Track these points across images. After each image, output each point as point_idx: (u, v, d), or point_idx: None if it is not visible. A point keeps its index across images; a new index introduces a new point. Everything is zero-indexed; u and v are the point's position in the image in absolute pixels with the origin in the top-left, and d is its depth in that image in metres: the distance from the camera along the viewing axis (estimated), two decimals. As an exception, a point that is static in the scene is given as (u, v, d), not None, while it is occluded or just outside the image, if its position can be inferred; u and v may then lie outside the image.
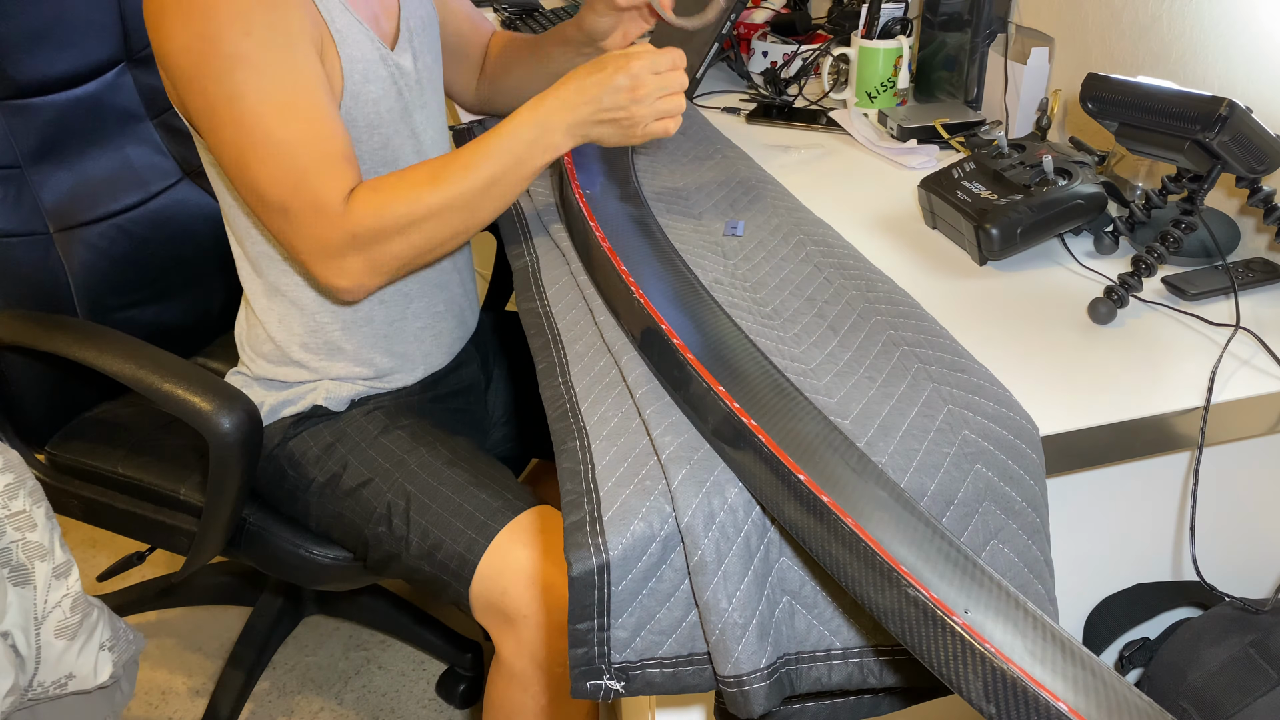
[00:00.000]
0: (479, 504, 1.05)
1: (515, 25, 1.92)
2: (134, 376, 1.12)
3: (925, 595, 0.56)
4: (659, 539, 0.68)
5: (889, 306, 0.89)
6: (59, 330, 1.20)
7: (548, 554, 1.02)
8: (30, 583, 1.07)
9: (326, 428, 1.16)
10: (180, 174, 1.47)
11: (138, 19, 1.40)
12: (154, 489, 1.28)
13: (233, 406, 1.09)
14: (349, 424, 1.15)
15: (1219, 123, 0.85)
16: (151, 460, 1.30)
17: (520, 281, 1.01)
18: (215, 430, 1.08)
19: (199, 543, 1.22)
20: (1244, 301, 0.93)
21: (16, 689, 1.03)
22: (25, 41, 1.28)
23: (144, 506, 1.29)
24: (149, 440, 1.33)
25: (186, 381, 1.10)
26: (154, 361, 1.13)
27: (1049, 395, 0.80)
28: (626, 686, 0.69)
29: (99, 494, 1.31)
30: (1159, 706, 0.55)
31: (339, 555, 1.22)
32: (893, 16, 1.42)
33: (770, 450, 0.67)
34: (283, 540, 1.23)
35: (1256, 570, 0.98)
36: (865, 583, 0.59)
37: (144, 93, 1.44)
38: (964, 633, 0.55)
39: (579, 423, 0.77)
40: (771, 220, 1.06)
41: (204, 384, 1.10)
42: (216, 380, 1.12)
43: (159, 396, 1.10)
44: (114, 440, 1.33)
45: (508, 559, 1.01)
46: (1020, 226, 0.97)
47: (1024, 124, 1.30)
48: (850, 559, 0.60)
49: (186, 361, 1.14)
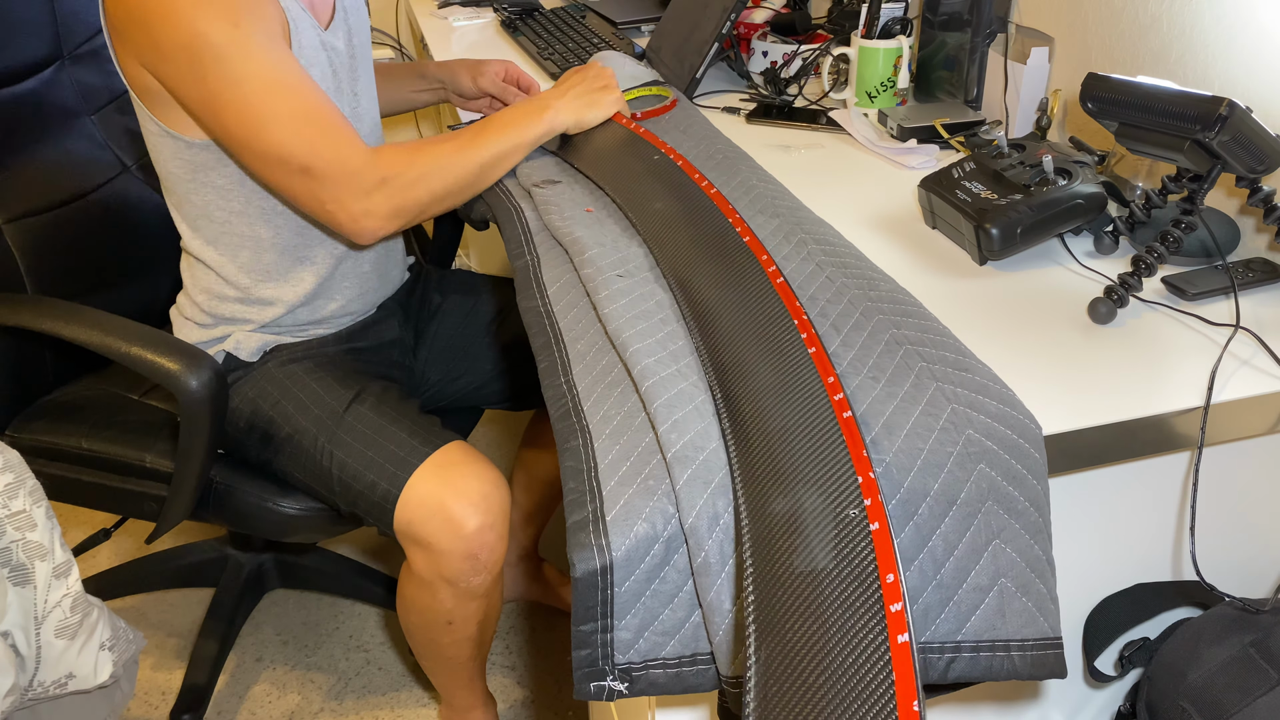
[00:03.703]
0: (389, 454, 1.17)
1: (515, 26, 1.92)
2: (103, 343, 1.18)
3: None
4: (662, 539, 0.68)
5: (891, 305, 0.89)
6: (25, 306, 1.25)
7: (456, 491, 1.15)
8: (30, 582, 1.06)
9: (246, 384, 1.26)
10: (121, 167, 1.51)
11: (70, 18, 1.46)
12: (120, 459, 1.33)
13: (200, 365, 1.15)
14: (266, 379, 1.26)
15: (1219, 122, 0.86)
16: (115, 434, 1.35)
17: (521, 281, 1.01)
18: (184, 388, 1.14)
19: (170, 504, 1.27)
20: (1244, 301, 0.93)
21: (17, 689, 1.03)
22: None
23: (111, 478, 1.34)
24: (108, 418, 1.38)
25: (154, 344, 1.16)
26: (122, 328, 1.19)
27: (1048, 395, 0.80)
28: (630, 687, 0.69)
29: (65, 470, 1.36)
30: None
31: (305, 506, 1.30)
32: (893, 16, 1.42)
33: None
34: (249, 496, 1.29)
35: (1256, 570, 0.98)
36: None
37: (81, 89, 1.48)
38: None
39: (581, 421, 0.77)
40: (772, 220, 1.06)
41: (171, 346, 1.17)
42: (183, 343, 1.19)
43: (129, 359, 1.16)
44: (74, 419, 1.38)
45: (419, 498, 1.15)
46: (1020, 226, 0.97)
47: (1024, 124, 1.30)
48: None
49: (151, 328, 1.19)
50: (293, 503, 1.29)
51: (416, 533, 1.17)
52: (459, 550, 1.16)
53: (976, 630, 0.72)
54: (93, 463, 1.34)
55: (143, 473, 1.32)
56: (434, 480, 1.16)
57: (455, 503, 1.15)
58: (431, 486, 1.15)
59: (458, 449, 1.19)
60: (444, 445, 1.18)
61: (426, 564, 1.19)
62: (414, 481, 1.16)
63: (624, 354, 0.83)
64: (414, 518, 1.16)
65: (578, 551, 0.67)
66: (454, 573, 1.18)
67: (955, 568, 0.72)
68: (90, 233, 1.45)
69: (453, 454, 1.18)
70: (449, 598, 1.21)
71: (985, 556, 0.72)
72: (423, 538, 1.16)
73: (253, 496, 1.29)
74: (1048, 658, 0.73)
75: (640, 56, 1.65)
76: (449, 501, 1.15)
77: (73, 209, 1.43)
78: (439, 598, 1.22)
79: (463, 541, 1.16)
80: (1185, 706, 0.89)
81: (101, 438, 1.34)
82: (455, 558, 1.17)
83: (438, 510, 1.15)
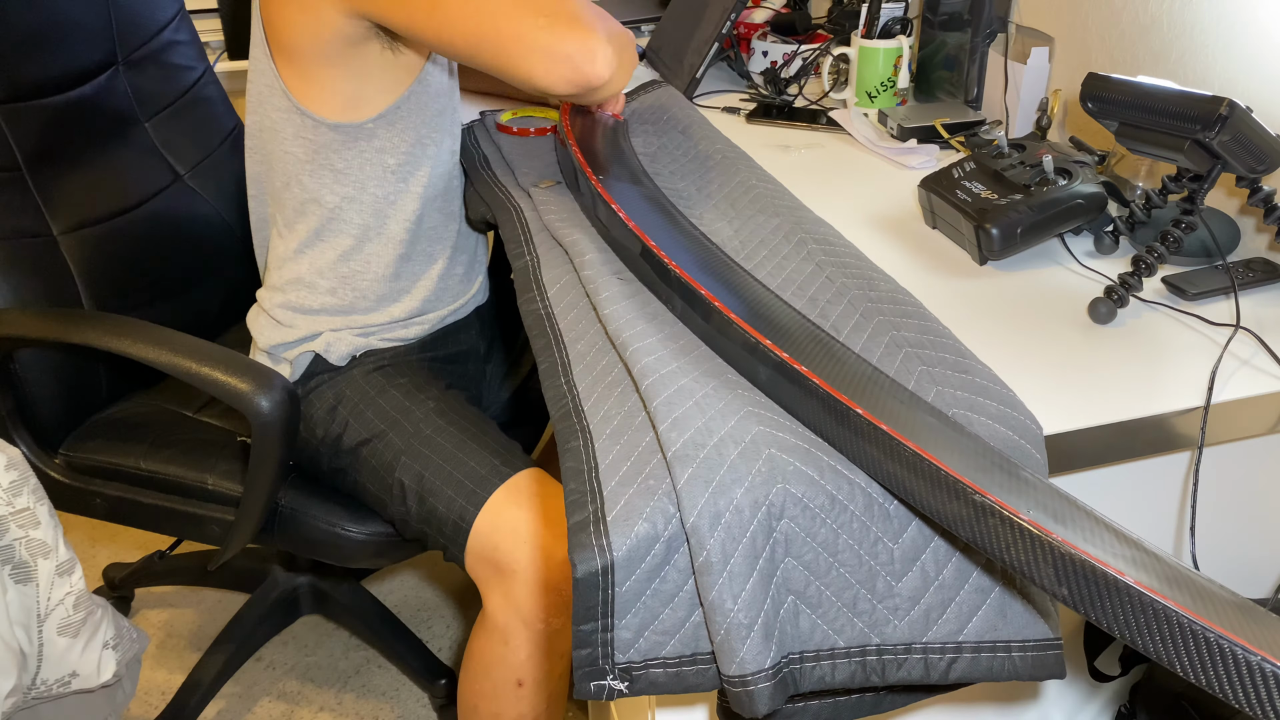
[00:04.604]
0: (470, 471, 1.11)
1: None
2: (171, 362, 1.14)
3: (992, 501, 0.61)
4: (663, 539, 0.68)
5: (891, 306, 0.89)
6: (88, 323, 1.21)
7: (539, 513, 1.08)
8: (33, 580, 1.07)
9: (329, 388, 1.22)
10: (173, 176, 1.48)
11: (127, 22, 1.43)
12: (180, 481, 1.29)
13: (271, 385, 1.12)
14: (349, 385, 1.21)
15: (1219, 122, 0.86)
16: (174, 454, 1.31)
17: (521, 281, 1.01)
18: (255, 410, 1.11)
19: (237, 527, 1.23)
20: (1244, 301, 0.93)
21: (19, 689, 1.03)
22: (21, 45, 1.29)
23: (171, 499, 1.30)
24: (165, 436, 1.34)
25: (225, 364, 1.13)
26: (190, 347, 1.15)
27: (1049, 395, 0.80)
28: (630, 687, 0.69)
29: (123, 491, 1.32)
30: (1209, 578, 0.60)
31: (373, 531, 1.25)
32: (893, 16, 1.42)
33: (827, 391, 0.72)
34: (317, 520, 1.25)
35: (1256, 570, 0.99)
36: (934, 498, 0.65)
37: (137, 95, 1.45)
38: (1030, 528, 0.60)
39: (582, 422, 0.78)
40: (772, 220, 1.07)
41: (242, 366, 1.13)
42: (253, 362, 1.15)
43: (198, 379, 1.12)
44: (131, 438, 1.34)
45: (500, 520, 1.08)
46: (1020, 226, 0.97)
47: (1024, 124, 1.30)
48: (918, 481, 0.66)
49: (220, 346, 1.16)
50: (360, 528, 1.25)
51: (497, 557, 1.09)
52: (542, 579, 1.08)
53: (978, 631, 0.72)
54: (151, 484, 1.30)
55: (205, 495, 1.28)
56: (516, 503, 1.09)
57: (542, 526, 1.08)
58: (514, 509, 1.09)
59: (538, 475, 1.13)
60: (525, 469, 1.13)
61: (503, 601, 1.10)
62: (496, 501, 1.10)
63: (624, 353, 0.83)
64: (495, 541, 1.09)
65: (578, 552, 0.67)
66: (532, 609, 1.09)
67: (957, 569, 0.72)
68: (143, 245, 1.43)
69: (534, 479, 1.13)
70: (523, 645, 1.11)
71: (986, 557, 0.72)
72: (504, 563, 1.09)
73: (320, 520, 1.25)
74: (1048, 659, 0.74)
75: (641, 56, 1.65)
76: (535, 524, 1.08)
77: (126, 220, 1.41)
78: (511, 646, 1.12)
79: (548, 568, 1.08)
80: (1185, 706, 0.89)
81: (160, 457, 1.30)
82: (536, 588, 1.08)
83: (524, 534, 1.08)
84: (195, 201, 1.50)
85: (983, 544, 0.62)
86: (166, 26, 1.51)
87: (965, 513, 0.63)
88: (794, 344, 0.79)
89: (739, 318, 0.81)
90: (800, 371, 0.74)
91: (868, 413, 0.70)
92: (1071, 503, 0.65)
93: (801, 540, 0.70)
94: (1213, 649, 0.53)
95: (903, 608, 0.71)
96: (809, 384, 0.74)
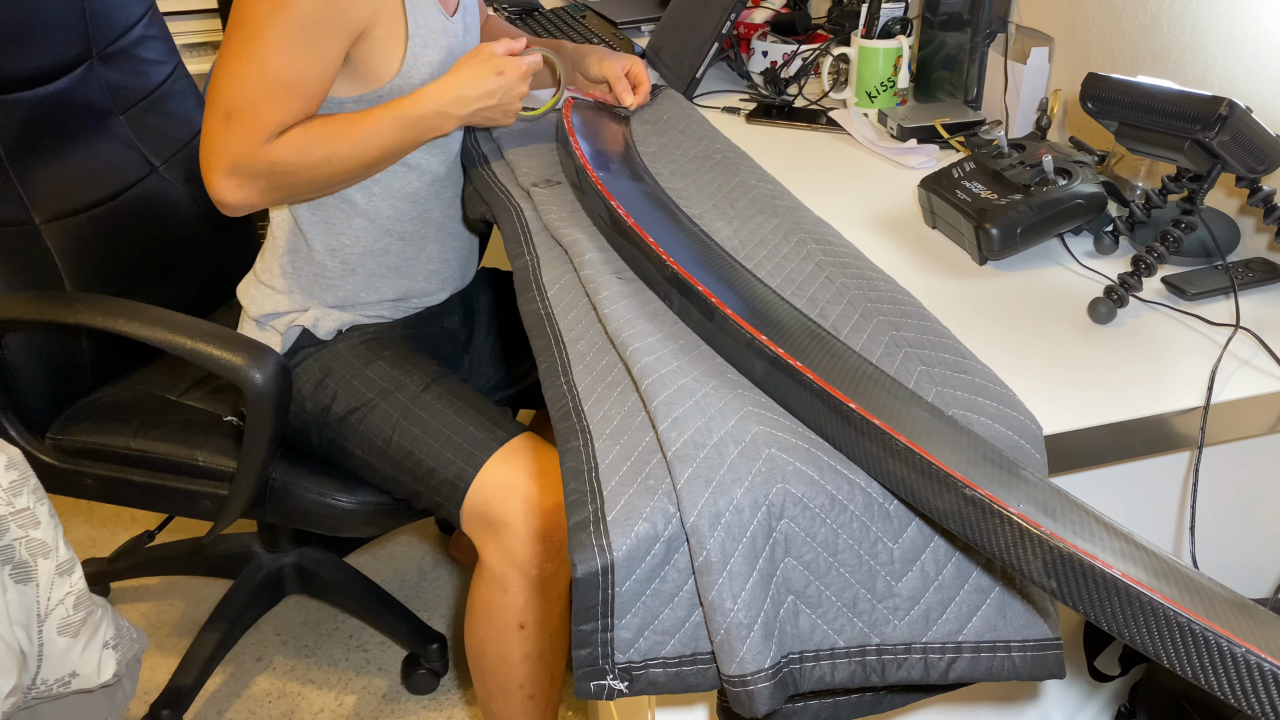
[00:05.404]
0: (469, 435, 1.18)
1: (515, 25, 1.92)
2: (167, 339, 1.18)
3: (982, 495, 0.62)
4: (663, 539, 0.68)
5: (891, 306, 0.89)
6: (84, 304, 1.25)
7: (530, 473, 1.16)
8: (33, 580, 1.07)
9: (315, 361, 1.27)
10: (149, 168, 1.52)
11: (100, 17, 1.47)
12: (171, 459, 1.33)
13: (264, 359, 1.16)
14: (334, 358, 1.27)
15: (1219, 122, 0.86)
16: (163, 433, 1.35)
17: (521, 282, 1.01)
18: (250, 382, 1.15)
19: (230, 499, 1.27)
20: (1244, 301, 0.93)
21: (19, 689, 1.03)
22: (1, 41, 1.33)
23: (162, 477, 1.34)
24: (153, 418, 1.38)
25: (219, 340, 1.17)
26: (184, 324, 1.19)
27: (1048, 395, 0.80)
28: (630, 686, 0.69)
29: (113, 470, 1.35)
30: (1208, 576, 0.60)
31: (363, 500, 1.29)
32: (893, 16, 1.42)
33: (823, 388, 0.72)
34: (307, 491, 1.29)
35: (1256, 570, 0.99)
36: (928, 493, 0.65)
37: (111, 89, 1.49)
38: (1020, 521, 0.60)
39: (582, 422, 0.78)
40: (772, 220, 1.07)
41: (235, 341, 1.18)
42: (245, 337, 1.19)
43: (193, 355, 1.16)
44: (118, 420, 1.37)
45: (494, 480, 1.16)
46: (1020, 226, 0.97)
47: (1024, 124, 1.30)
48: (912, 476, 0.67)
49: (212, 323, 1.19)
50: (350, 497, 1.29)
51: (490, 512, 1.17)
52: (534, 529, 1.16)
53: (978, 631, 0.72)
54: (142, 463, 1.34)
55: (196, 471, 1.32)
56: (509, 464, 1.17)
57: (531, 482, 1.16)
58: (508, 469, 1.17)
59: (531, 439, 1.21)
60: (520, 434, 1.21)
61: (498, 551, 1.18)
62: (491, 464, 1.17)
63: (624, 353, 0.83)
64: (490, 497, 1.17)
65: (578, 552, 0.67)
66: (527, 557, 1.17)
67: (956, 569, 0.72)
68: (123, 233, 1.47)
69: (527, 442, 1.21)
70: (521, 590, 1.20)
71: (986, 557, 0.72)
72: (497, 517, 1.17)
73: (310, 491, 1.29)
74: (1047, 658, 0.74)
75: (640, 56, 1.65)
76: (526, 481, 1.16)
77: (105, 209, 1.45)
78: (511, 592, 1.20)
79: (538, 519, 1.16)
80: (1185, 706, 0.89)
81: (150, 437, 1.34)
82: (530, 537, 1.17)
83: (514, 489, 1.16)
84: (172, 191, 1.55)
85: (975, 538, 0.62)
86: (138, 23, 1.55)
87: (957, 507, 0.63)
88: (793, 341, 0.79)
89: (739, 316, 0.82)
90: (797, 368, 0.75)
91: (862, 408, 0.70)
92: (1064, 497, 0.65)
93: (801, 540, 0.70)
94: (1199, 640, 0.53)
95: (902, 608, 0.71)
96: (806, 380, 0.74)
